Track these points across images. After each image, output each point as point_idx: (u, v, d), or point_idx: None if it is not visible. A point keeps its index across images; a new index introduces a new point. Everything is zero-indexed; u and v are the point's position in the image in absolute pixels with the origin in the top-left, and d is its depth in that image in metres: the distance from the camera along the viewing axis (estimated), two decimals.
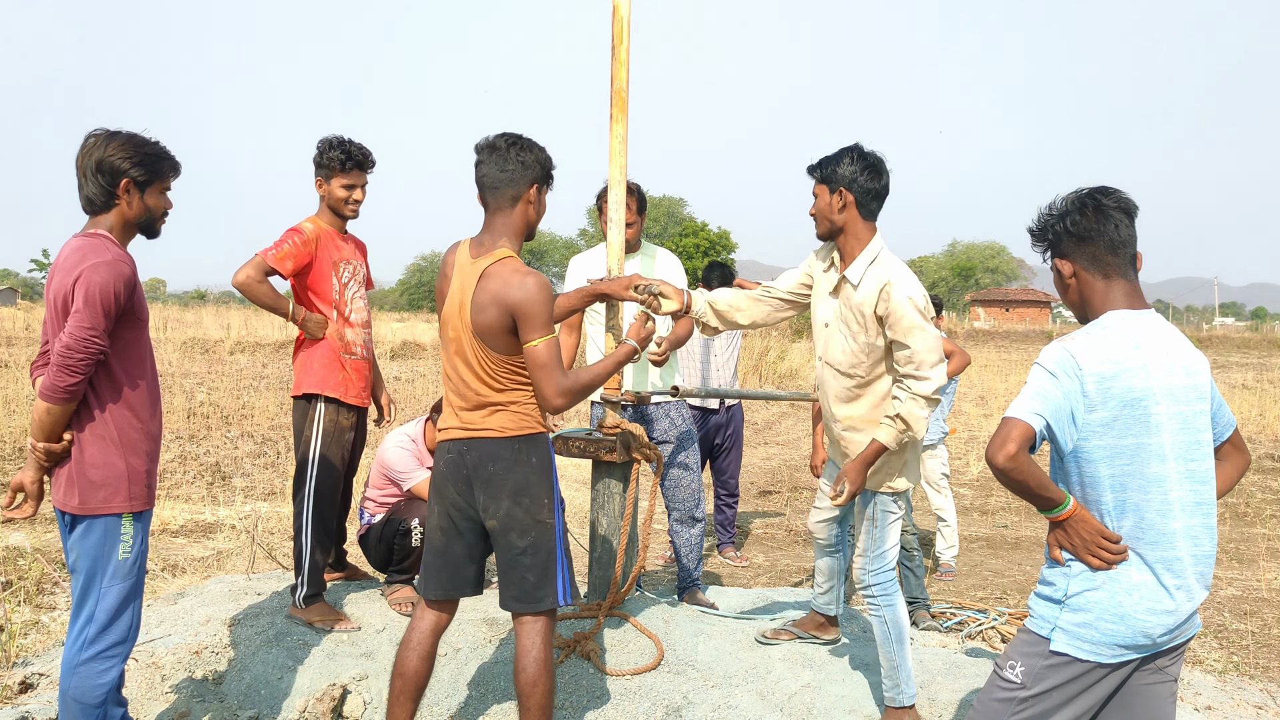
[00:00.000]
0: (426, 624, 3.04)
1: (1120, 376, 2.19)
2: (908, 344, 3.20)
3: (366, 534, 4.43)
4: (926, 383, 3.19)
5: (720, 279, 6.46)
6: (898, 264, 3.30)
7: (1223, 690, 4.50)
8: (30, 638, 4.43)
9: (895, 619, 3.39)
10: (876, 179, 3.30)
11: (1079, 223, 2.33)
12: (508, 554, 2.94)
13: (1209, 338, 42.94)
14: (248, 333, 25.14)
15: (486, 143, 2.96)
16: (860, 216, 3.31)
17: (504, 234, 2.94)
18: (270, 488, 8.64)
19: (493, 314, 2.82)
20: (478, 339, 2.87)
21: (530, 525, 2.92)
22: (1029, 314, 65.18)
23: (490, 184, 2.94)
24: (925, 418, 3.22)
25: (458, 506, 2.98)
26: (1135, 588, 2.20)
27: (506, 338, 2.86)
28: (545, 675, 2.91)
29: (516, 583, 2.94)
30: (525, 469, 2.92)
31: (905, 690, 3.36)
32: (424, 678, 3.01)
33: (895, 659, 3.37)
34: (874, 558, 3.40)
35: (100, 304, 2.72)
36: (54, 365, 2.73)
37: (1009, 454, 2.15)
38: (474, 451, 2.92)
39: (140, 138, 2.90)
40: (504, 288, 2.81)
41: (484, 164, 2.95)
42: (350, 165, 4.02)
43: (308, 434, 3.96)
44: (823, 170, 3.33)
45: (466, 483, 2.95)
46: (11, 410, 11.09)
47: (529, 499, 2.92)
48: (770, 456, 11.73)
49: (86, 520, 2.83)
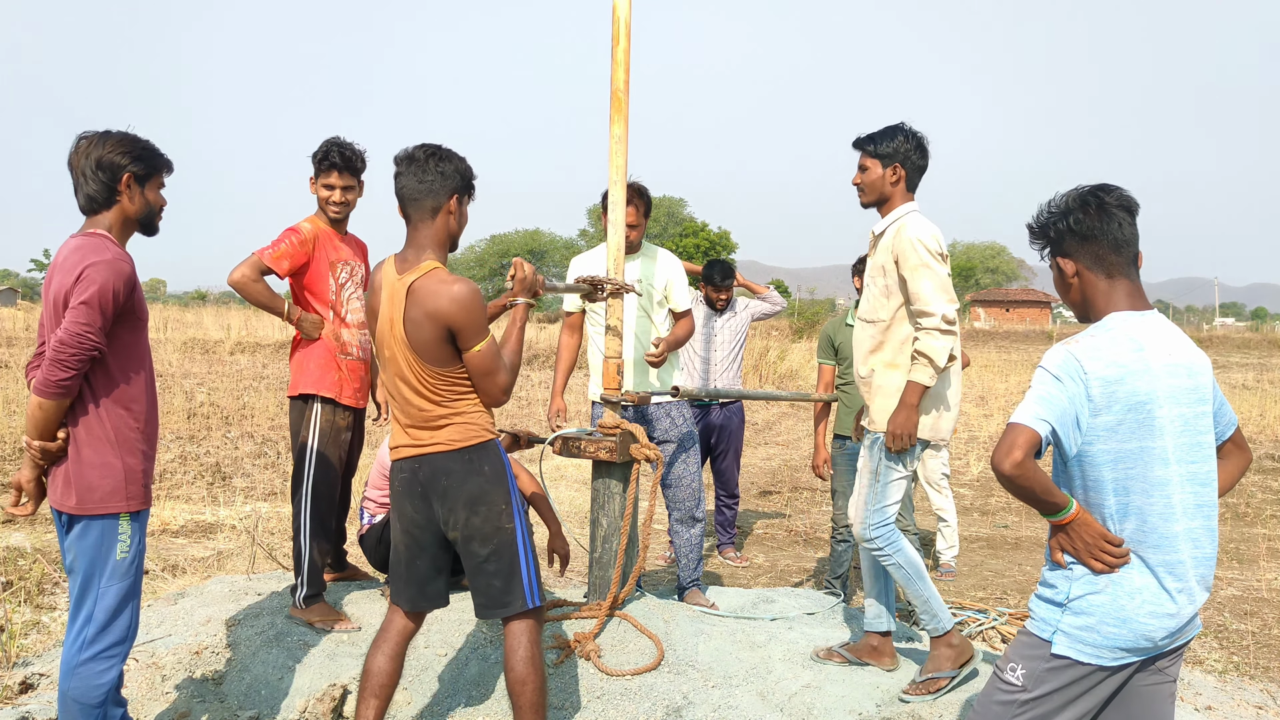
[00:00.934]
0: (396, 627, 3.07)
1: (1125, 380, 2.18)
2: (913, 281, 3.45)
3: (366, 534, 4.43)
4: (932, 315, 3.41)
5: (721, 274, 6.45)
6: (920, 217, 3.58)
7: (1223, 690, 4.50)
8: (30, 638, 4.42)
9: (908, 560, 3.57)
10: (923, 156, 3.65)
11: (1082, 221, 2.30)
12: (472, 563, 2.97)
13: (1209, 338, 42.94)
14: (248, 333, 25.15)
15: (405, 154, 2.93)
16: (905, 189, 3.64)
17: (427, 246, 2.91)
18: (270, 488, 8.64)
19: (427, 329, 2.80)
20: (414, 354, 2.84)
21: (491, 533, 2.93)
22: (1029, 314, 65.18)
23: (410, 195, 2.90)
24: (943, 348, 3.41)
25: (417, 523, 2.98)
26: (1137, 591, 2.19)
27: (443, 349, 2.83)
28: (533, 673, 2.93)
29: (484, 590, 2.98)
30: (479, 479, 2.91)
31: (942, 618, 3.56)
32: (391, 676, 3.03)
33: (922, 594, 3.56)
34: (873, 511, 3.55)
35: (98, 302, 2.73)
36: (48, 360, 2.74)
37: (1015, 461, 2.13)
38: (425, 467, 2.92)
39: (133, 135, 2.94)
40: (434, 300, 2.79)
41: (403, 175, 2.91)
42: (327, 165, 4.03)
43: (304, 434, 3.96)
44: (876, 146, 3.62)
45: (423, 498, 2.95)
46: (11, 410, 11.10)
47: (486, 507, 2.92)
48: (770, 457, 11.73)
49: (84, 520, 2.83)
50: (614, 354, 4.01)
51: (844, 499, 5.36)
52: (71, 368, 2.72)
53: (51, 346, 2.73)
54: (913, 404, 3.45)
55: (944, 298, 3.42)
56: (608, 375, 4.03)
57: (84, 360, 2.74)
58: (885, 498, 3.55)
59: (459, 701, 3.54)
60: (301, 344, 4.04)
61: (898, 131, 3.61)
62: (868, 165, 3.64)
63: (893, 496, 3.55)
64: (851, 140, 3.71)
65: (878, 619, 3.77)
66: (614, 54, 3.92)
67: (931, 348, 3.40)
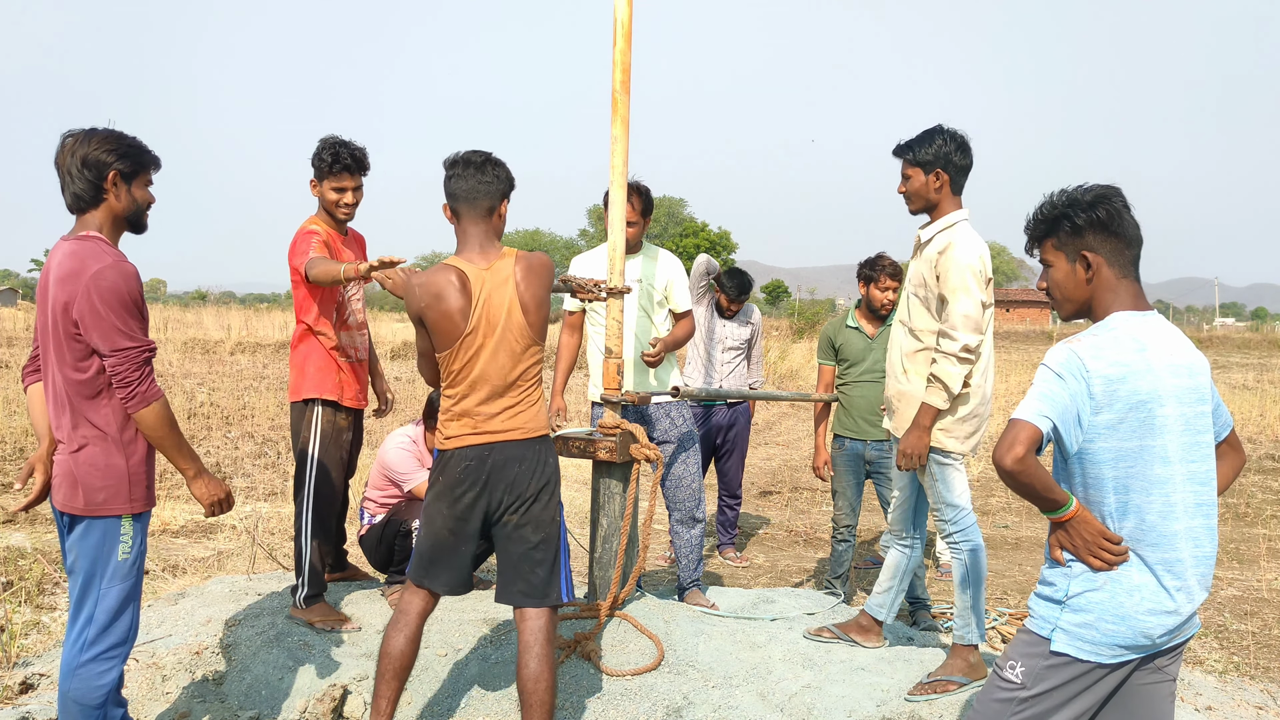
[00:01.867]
0: (415, 608, 3.13)
1: (1127, 379, 2.19)
2: (949, 301, 3.45)
3: (367, 534, 4.44)
4: (954, 341, 3.42)
5: (737, 289, 6.45)
6: (969, 232, 3.54)
7: (1223, 690, 4.50)
8: (31, 638, 4.43)
9: (975, 563, 3.58)
10: (965, 155, 3.59)
11: (1110, 215, 2.28)
12: (521, 549, 3.06)
13: (1209, 338, 42.94)
14: (248, 333, 25.15)
15: (461, 158, 3.13)
16: (951, 193, 3.60)
17: (492, 240, 3.13)
18: (270, 488, 8.64)
19: (541, 299, 3.10)
20: (530, 327, 3.06)
21: (547, 522, 3.09)
22: (1029, 314, 65.17)
23: (469, 197, 3.10)
24: (957, 374, 3.43)
25: (472, 510, 3.06)
26: (1136, 589, 2.20)
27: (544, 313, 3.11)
28: (548, 670, 2.98)
29: (526, 577, 3.06)
30: (547, 468, 3.11)
31: (974, 632, 3.57)
32: (409, 658, 3.10)
33: (969, 600, 3.58)
34: (947, 508, 3.59)
35: (120, 311, 2.74)
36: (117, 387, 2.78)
37: (1017, 457, 2.14)
38: (497, 454, 3.05)
39: (118, 132, 2.91)
40: (545, 271, 3.11)
41: (459, 178, 3.10)
42: (339, 168, 3.97)
43: (305, 436, 3.96)
44: (915, 153, 3.59)
45: (485, 485, 3.04)
46: (12, 410, 11.09)
47: (549, 497, 3.10)
48: (771, 457, 11.73)
49: (85, 521, 2.83)
50: (614, 354, 4.02)
51: (844, 499, 5.37)
52: (134, 381, 2.76)
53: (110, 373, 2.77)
54: (925, 425, 3.49)
55: (971, 328, 3.42)
56: (608, 375, 4.03)
57: (143, 370, 2.78)
58: (951, 491, 3.58)
59: (459, 701, 3.54)
60: (302, 347, 4.02)
61: (936, 135, 3.56)
62: (910, 174, 3.62)
63: (958, 487, 3.58)
64: (891, 149, 3.69)
65: (880, 608, 3.88)
66: (613, 55, 3.93)
67: (947, 373, 3.43)
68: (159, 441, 2.85)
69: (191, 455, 2.90)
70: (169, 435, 2.84)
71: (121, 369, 2.75)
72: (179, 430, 2.88)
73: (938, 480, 3.60)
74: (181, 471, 2.91)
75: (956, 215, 3.58)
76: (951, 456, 3.57)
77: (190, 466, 2.90)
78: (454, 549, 3.10)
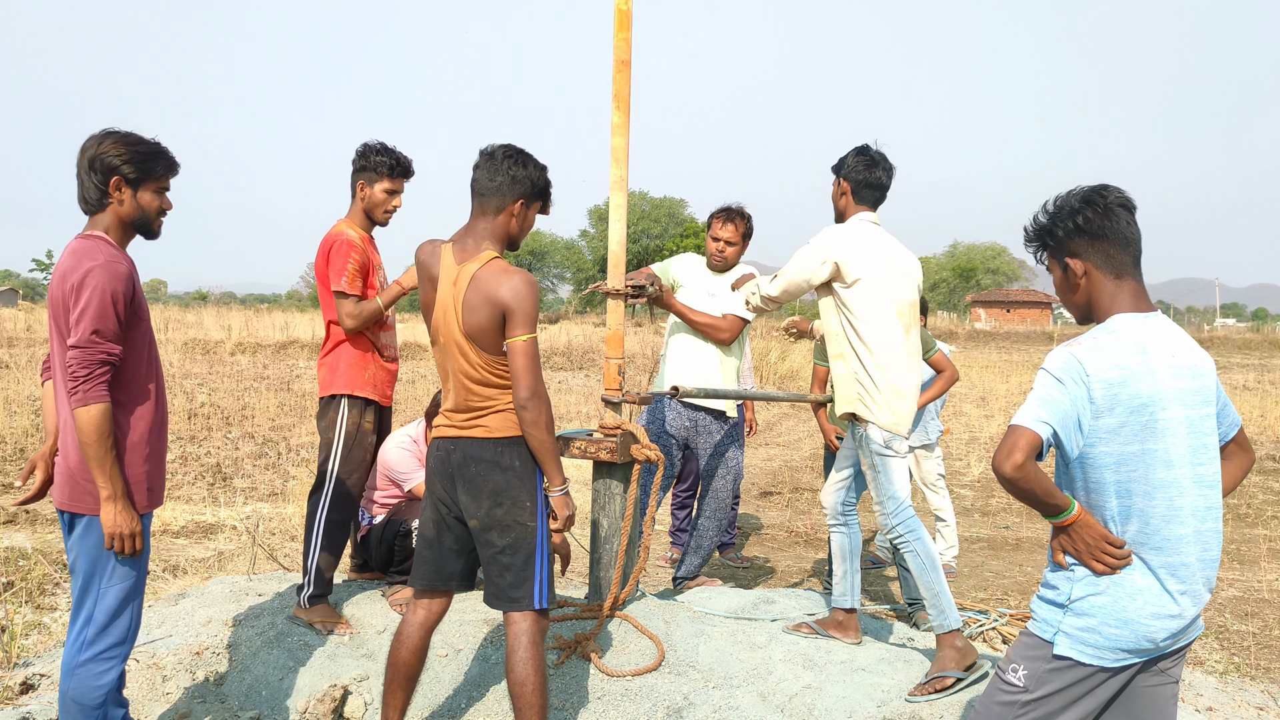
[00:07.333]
0: (417, 619, 3.13)
1: (1128, 383, 2.17)
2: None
3: (367, 535, 4.44)
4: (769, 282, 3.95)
5: None
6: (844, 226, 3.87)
7: (1224, 691, 4.49)
8: (31, 638, 4.42)
9: (925, 551, 3.74)
10: (869, 170, 3.86)
11: (1091, 220, 2.26)
12: (488, 552, 3.03)
13: (1210, 339, 42.92)
14: (248, 334, 25.15)
15: (488, 150, 3.06)
16: (854, 202, 3.90)
17: (486, 238, 3.01)
18: (271, 488, 8.64)
19: (484, 314, 2.90)
20: (470, 341, 2.93)
21: (510, 525, 2.99)
22: (1030, 315, 65.15)
23: (478, 189, 3.04)
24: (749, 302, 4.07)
25: (444, 502, 3.08)
26: (1139, 592, 2.19)
27: (497, 337, 2.93)
28: (532, 674, 2.96)
29: (495, 580, 3.04)
30: (508, 472, 2.98)
31: (949, 615, 3.66)
32: (414, 669, 3.11)
33: (934, 586, 3.70)
34: (887, 500, 3.77)
35: (98, 309, 2.70)
36: (64, 378, 2.73)
37: (1016, 464, 2.12)
38: (459, 451, 3.01)
39: (136, 136, 2.87)
40: (495, 288, 2.89)
41: (478, 169, 3.05)
42: (398, 172, 4.03)
43: (330, 434, 3.98)
44: (837, 163, 3.94)
45: (451, 480, 3.03)
46: (12, 411, 11.10)
47: (509, 500, 2.98)
48: (770, 457, 11.72)
49: (86, 520, 2.82)
50: (614, 355, 4.04)
51: None
52: (81, 378, 2.69)
53: (63, 364, 2.73)
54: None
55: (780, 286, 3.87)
56: (608, 376, 4.06)
57: (94, 370, 2.71)
58: (891, 484, 3.75)
59: (459, 701, 3.54)
60: (334, 347, 4.03)
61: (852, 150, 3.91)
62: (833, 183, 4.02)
63: (898, 481, 3.75)
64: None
65: (843, 596, 4.02)
66: (614, 57, 3.93)
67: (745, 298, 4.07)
68: (86, 448, 2.71)
69: (113, 476, 2.74)
70: (98, 444, 2.71)
71: (74, 364, 2.70)
72: (109, 444, 2.73)
73: (880, 472, 3.75)
74: (99, 489, 2.75)
75: (851, 220, 3.88)
76: (893, 448, 3.73)
77: (107, 487, 2.73)
78: (435, 538, 3.10)
